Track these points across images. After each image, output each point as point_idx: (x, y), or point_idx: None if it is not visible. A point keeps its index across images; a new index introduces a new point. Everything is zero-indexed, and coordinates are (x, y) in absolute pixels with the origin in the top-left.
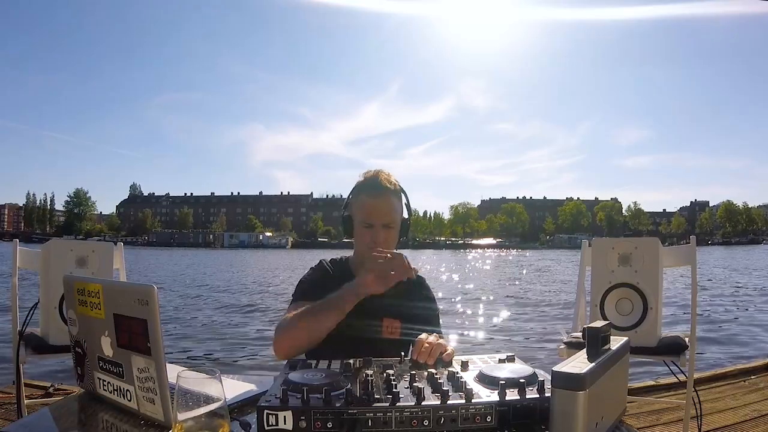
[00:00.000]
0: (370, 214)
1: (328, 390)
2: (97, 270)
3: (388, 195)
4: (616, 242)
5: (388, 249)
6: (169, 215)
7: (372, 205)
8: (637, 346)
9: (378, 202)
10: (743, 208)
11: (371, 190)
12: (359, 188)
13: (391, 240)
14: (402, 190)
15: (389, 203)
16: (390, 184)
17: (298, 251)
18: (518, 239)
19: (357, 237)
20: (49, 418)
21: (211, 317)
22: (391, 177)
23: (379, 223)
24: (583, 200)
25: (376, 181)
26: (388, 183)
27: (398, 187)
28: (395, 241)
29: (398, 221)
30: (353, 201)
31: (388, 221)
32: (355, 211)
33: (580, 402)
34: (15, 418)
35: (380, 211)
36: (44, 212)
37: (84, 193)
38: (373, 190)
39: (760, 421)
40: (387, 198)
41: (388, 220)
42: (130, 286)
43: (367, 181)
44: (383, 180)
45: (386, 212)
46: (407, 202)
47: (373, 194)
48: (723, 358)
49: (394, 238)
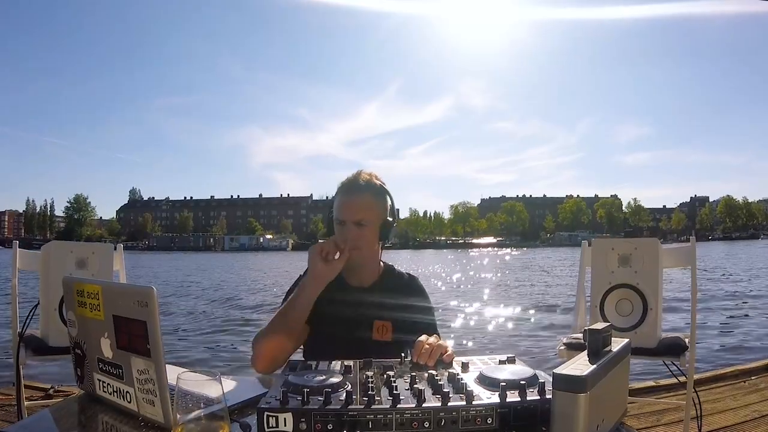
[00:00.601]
0: (341, 211)
1: (328, 392)
2: (97, 272)
3: (361, 192)
4: (615, 243)
5: (365, 248)
6: (169, 219)
7: (344, 202)
8: (637, 347)
9: (350, 199)
10: (743, 202)
11: (346, 188)
12: (338, 188)
13: (364, 238)
14: (386, 191)
15: (362, 200)
16: (367, 182)
17: (299, 253)
18: (518, 238)
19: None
20: (49, 420)
21: (211, 318)
22: (372, 177)
23: (350, 219)
24: (583, 197)
25: (353, 179)
26: (366, 181)
27: (379, 186)
28: (370, 241)
29: (373, 220)
30: (334, 201)
31: (359, 218)
32: (334, 210)
33: (582, 404)
34: (15, 419)
35: (351, 208)
36: (44, 218)
37: (84, 199)
38: (349, 187)
39: (760, 422)
40: (360, 195)
41: (360, 217)
42: (130, 287)
43: (345, 180)
44: (361, 178)
45: (358, 209)
46: (391, 203)
47: (348, 192)
48: (723, 358)
49: (367, 237)
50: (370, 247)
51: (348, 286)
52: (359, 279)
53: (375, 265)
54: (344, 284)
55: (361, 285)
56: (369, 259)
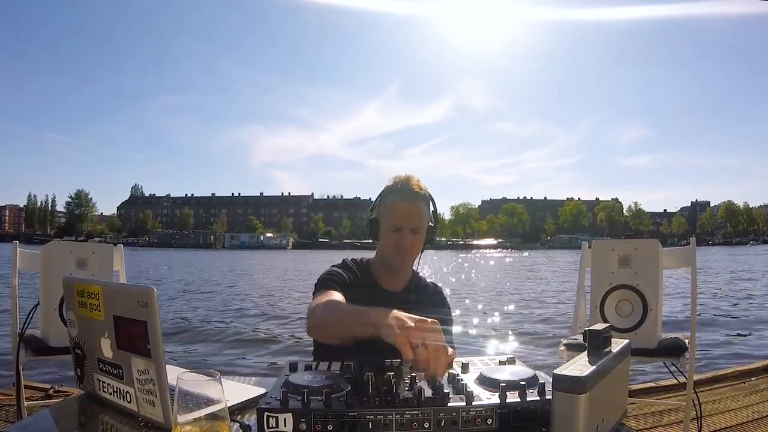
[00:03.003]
0: (399, 217)
1: (328, 392)
2: (97, 272)
3: (418, 200)
4: (616, 244)
5: (414, 254)
6: (169, 216)
7: (402, 208)
8: (637, 348)
9: (408, 206)
10: (744, 208)
11: (402, 194)
12: (390, 191)
13: (417, 245)
14: (431, 197)
15: (419, 208)
16: (420, 190)
17: (299, 252)
18: (519, 240)
19: (382, 240)
20: (49, 420)
21: (211, 319)
22: (421, 183)
23: (407, 227)
24: (584, 200)
25: (408, 185)
26: (419, 188)
27: (427, 193)
28: (421, 246)
29: (425, 227)
30: (381, 204)
31: (416, 226)
32: (383, 214)
33: (581, 405)
34: (15, 419)
35: (410, 216)
36: (45, 213)
37: (85, 195)
38: (405, 194)
39: (760, 423)
40: (417, 203)
41: (417, 225)
42: (130, 287)
43: (399, 184)
44: (414, 185)
45: (415, 217)
46: (434, 209)
47: (403, 198)
48: (723, 359)
49: (420, 244)
50: (419, 252)
51: (381, 289)
52: (392, 283)
53: (410, 270)
54: (377, 287)
55: (392, 289)
56: (411, 264)
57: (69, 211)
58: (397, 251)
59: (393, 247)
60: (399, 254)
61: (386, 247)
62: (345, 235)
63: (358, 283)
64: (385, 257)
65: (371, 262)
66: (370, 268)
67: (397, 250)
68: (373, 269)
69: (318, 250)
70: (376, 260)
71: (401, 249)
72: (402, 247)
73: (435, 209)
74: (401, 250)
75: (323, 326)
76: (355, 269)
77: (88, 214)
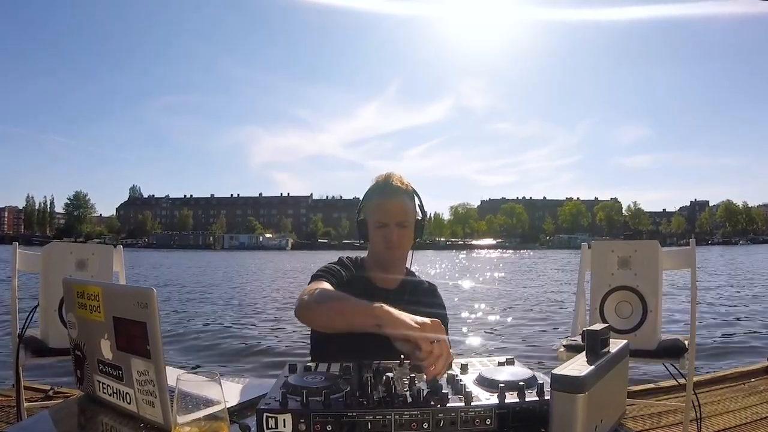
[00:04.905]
0: (384, 214)
1: (327, 393)
2: (97, 273)
3: (399, 195)
4: (615, 245)
5: (404, 248)
6: (169, 217)
7: (385, 204)
8: (637, 349)
9: (390, 201)
10: (743, 207)
11: (384, 191)
12: (371, 191)
13: (406, 239)
14: (414, 192)
15: (401, 203)
16: (402, 185)
17: (299, 252)
18: (518, 240)
19: (372, 238)
20: (48, 421)
21: (211, 319)
22: (403, 178)
23: (393, 222)
24: (583, 200)
25: (388, 182)
26: (400, 183)
27: (410, 188)
28: (410, 241)
29: (412, 221)
30: (366, 204)
31: (401, 220)
32: (369, 213)
33: (580, 405)
34: (15, 421)
35: (394, 211)
36: (44, 215)
37: (84, 196)
38: (386, 190)
39: (760, 424)
40: (399, 198)
41: (402, 219)
42: (130, 289)
43: (379, 183)
44: (395, 181)
45: (399, 211)
46: (420, 203)
47: (385, 195)
48: (723, 360)
49: (408, 238)
50: (409, 246)
51: (375, 287)
52: (386, 281)
53: (403, 267)
54: (371, 285)
55: (386, 287)
56: (403, 260)
57: (68, 212)
58: (387, 246)
59: (382, 243)
60: (389, 249)
61: (376, 244)
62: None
63: (353, 280)
64: (376, 255)
65: (365, 260)
66: (365, 266)
67: (386, 245)
68: (367, 267)
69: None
70: (369, 259)
71: (390, 244)
72: (390, 241)
73: (421, 203)
74: (390, 244)
75: (317, 310)
76: (350, 267)
77: (87, 215)
